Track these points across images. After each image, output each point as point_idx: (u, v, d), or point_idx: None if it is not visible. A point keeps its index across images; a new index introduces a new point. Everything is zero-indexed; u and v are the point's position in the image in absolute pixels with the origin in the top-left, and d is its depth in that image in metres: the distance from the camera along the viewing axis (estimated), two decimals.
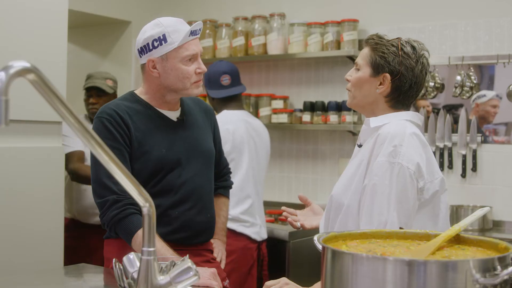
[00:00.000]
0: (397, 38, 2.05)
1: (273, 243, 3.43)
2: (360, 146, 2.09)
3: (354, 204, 1.95)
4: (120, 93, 3.52)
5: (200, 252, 2.34)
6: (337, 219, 2.00)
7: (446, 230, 1.96)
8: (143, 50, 2.23)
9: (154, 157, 2.21)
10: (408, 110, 2.09)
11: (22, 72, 1.00)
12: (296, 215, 2.26)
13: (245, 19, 4.43)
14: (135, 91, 2.33)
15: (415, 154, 1.90)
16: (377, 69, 2.01)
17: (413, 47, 2.03)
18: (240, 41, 4.39)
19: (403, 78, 2.00)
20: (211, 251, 2.44)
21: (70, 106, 1.08)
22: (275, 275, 3.40)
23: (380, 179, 1.88)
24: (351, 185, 1.98)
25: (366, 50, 2.07)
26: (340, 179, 2.07)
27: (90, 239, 3.67)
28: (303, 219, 2.26)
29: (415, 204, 1.90)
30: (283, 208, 2.30)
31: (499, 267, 1.12)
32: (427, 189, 1.92)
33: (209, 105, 2.57)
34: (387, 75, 2.00)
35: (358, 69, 2.06)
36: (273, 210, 4.14)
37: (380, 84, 2.01)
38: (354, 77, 2.06)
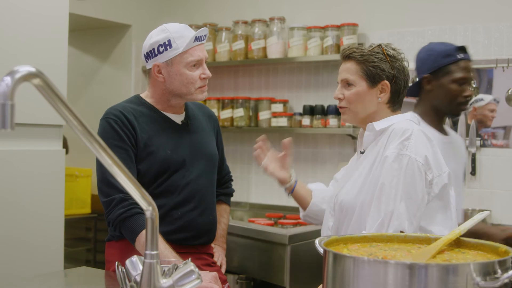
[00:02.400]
0: (377, 46, 2.09)
1: (272, 247, 3.44)
2: (362, 152, 2.11)
3: (368, 202, 1.97)
4: (120, 96, 3.53)
5: (201, 256, 2.35)
6: (350, 223, 2.02)
7: (455, 223, 2.00)
8: (149, 55, 2.26)
9: (160, 158, 2.23)
10: (400, 107, 2.16)
11: (28, 76, 1.00)
12: (267, 152, 2.32)
13: (245, 23, 4.44)
14: (141, 95, 2.36)
15: (422, 147, 1.94)
16: (373, 79, 2.06)
17: (394, 49, 2.11)
18: (240, 44, 4.41)
19: (398, 80, 2.08)
20: (212, 255, 2.45)
21: (74, 110, 1.09)
22: (274, 279, 3.42)
23: (389, 170, 1.91)
24: (365, 186, 2.00)
25: (351, 65, 2.09)
26: (350, 185, 2.07)
27: None
28: (269, 162, 2.31)
29: (424, 196, 1.92)
30: (259, 139, 2.35)
31: (499, 271, 1.13)
32: (436, 183, 1.95)
33: (212, 111, 2.59)
34: (386, 82, 2.05)
35: (350, 85, 2.08)
36: (272, 213, 4.15)
37: (381, 92, 2.06)
38: (351, 93, 2.08)
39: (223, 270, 2.52)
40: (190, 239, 2.31)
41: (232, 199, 3.54)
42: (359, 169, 2.08)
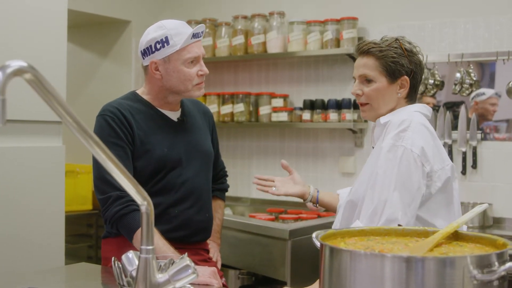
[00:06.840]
0: (394, 40, 2.06)
1: (273, 241, 3.44)
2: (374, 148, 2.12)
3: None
4: (120, 93, 3.51)
5: (198, 251, 2.35)
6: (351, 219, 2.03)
7: (459, 217, 1.98)
8: (146, 52, 2.25)
9: (157, 155, 2.23)
10: (415, 101, 2.15)
11: (19, 71, 1.00)
12: (273, 181, 2.34)
13: (245, 17, 4.43)
14: (137, 91, 2.35)
15: (419, 139, 1.92)
16: (393, 75, 2.04)
17: (410, 43, 2.09)
18: (239, 39, 4.40)
19: (415, 75, 2.07)
20: (207, 251, 2.46)
21: (68, 105, 1.09)
22: (275, 274, 3.42)
23: (383, 161, 1.91)
24: (368, 182, 2.00)
25: (369, 60, 2.05)
26: (357, 183, 2.07)
27: None
28: (280, 185, 2.32)
29: (420, 188, 1.90)
30: (256, 176, 2.40)
31: (496, 263, 1.13)
32: (438, 176, 1.93)
33: (207, 107, 2.59)
34: (406, 77, 2.04)
35: (369, 81, 2.06)
36: (273, 208, 4.15)
37: (400, 88, 2.04)
38: (371, 89, 2.05)
39: (219, 265, 2.53)
40: (187, 237, 2.31)
41: (233, 194, 3.55)
42: (366, 165, 2.08)
